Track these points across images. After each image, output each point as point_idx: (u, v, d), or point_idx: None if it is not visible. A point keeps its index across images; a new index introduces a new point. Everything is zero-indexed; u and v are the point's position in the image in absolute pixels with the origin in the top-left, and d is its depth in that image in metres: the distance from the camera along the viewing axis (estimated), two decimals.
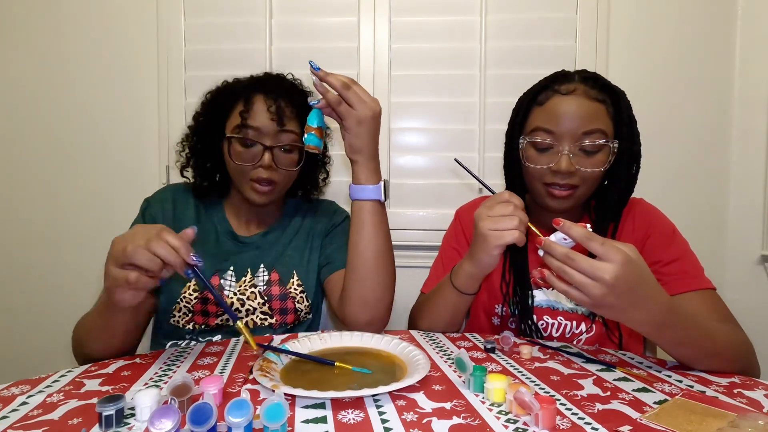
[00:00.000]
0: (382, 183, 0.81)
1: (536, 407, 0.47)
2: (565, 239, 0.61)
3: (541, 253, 0.62)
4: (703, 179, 1.34)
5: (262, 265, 0.93)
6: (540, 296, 0.87)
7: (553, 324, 0.86)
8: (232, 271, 0.92)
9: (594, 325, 0.85)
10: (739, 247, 1.33)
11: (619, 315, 0.60)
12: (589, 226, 0.61)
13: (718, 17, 1.31)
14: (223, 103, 0.91)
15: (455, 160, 0.81)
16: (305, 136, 0.77)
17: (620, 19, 1.32)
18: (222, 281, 0.90)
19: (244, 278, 0.91)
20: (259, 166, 0.87)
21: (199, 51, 1.39)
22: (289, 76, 0.97)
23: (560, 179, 0.79)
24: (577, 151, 0.78)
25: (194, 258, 0.62)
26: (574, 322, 0.85)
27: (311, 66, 0.74)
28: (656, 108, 1.32)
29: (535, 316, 0.86)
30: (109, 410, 0.46)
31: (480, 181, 0.78)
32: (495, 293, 0.90)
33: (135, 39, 1.40)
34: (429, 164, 1.38)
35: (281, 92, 0.89)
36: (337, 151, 1.18)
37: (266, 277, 0.92)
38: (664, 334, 0.62)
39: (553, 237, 0.62)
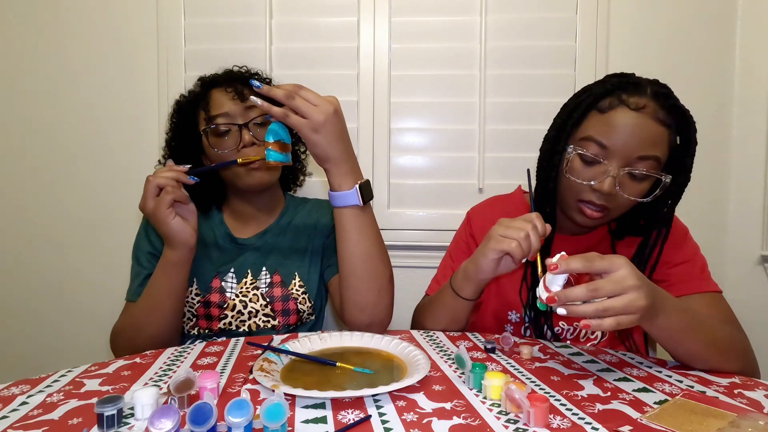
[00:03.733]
0: (357, 187, 0.76)
1: (526, 405, 0.47)
2: (564, 279, 0.58)
3: (563, 312, 0.56)
4: (703, 179, 1.34)
5: (264, 268, 0.93)
6: None
7: (568, 329, 0.85)
8: (233, 273, 0.92)
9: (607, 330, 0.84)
10: (739, 247, 1.33)
11: (657, 311, 0.58)
12: (564, 253, 0.59)
13: (718, 17, 1.31)
14: (186, 115, 0.94)
15: (528, 171, 0.79)
16: (265, 152, 0.75)
17: (620, 19, 1.32)
18: (223, 283, 0.90)
19: (244, 280, 0.91)
20: (243, 147, 0.88)
21: (199, 51, 1.39)
22: (243, 69, 1.00)
23: (597, 199, 0.73)
24: (623, 175, 0.72)
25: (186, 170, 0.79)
26: None
27: (253, 85, 0.71)
28: None
29: (551, 323, 0.84)
30: (110, 410, 0.46)
31: (532, 200, 0.78)
32: (507, 300, 0.89)
33: (135, 39, 1.40)
34: (429, 164, 1.38)
35: (234, 78, 0.93)
36: None
37: (268, 279, 0.92)
38: (665, 323, 0.60)
39: (552, 286, 0.58)
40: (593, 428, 0.47)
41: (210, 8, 1.39)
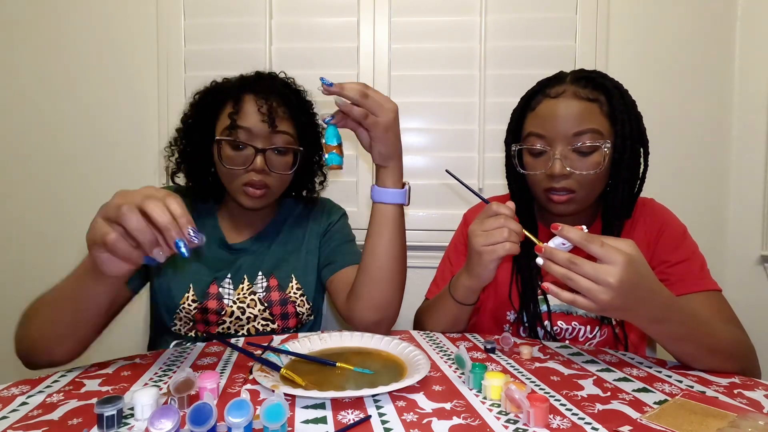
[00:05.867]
0: (408, 187, 0.79)
1: (526, 405, 0.47)
2: (564, 244, 0.60)
3: (540, 261, 0.61)
4: (703, 179, 1.34)
5: (260, 273, 0.92)
6: (554, 301, 0.86)
7: (567, 329, 0.85)
8: (230, 278, 0.90)
9: (606, 330, 0.84)
10: (739, 247, 1.33)
11: (623, 314, 0.60)
12: (585, 228, 0.61)
13: (718, 17, 1.31)
14: (212, 103, 0.88)
15: (447, 171, 0.79)
16: (325, 156, 0.73)
17: (620, 19, 1.32)
18: (220, 290, 0.89)
19: (241, 285, 0.90)
20: (252, 170, 0.83)
21: (199, 51, 1.39)
22: (282, 74, 0.93)
23: (556, 183, 0.78)
24: (570, 154, 0.77)
25: (192, 233, 0.52)
26: (588, 327, 0.85)
27: (323, 82, 0.68)
28: (656, 108, 1.32)
29: (549, 323, 0.85)
30: (110, 411, 0.46)
31: (472, 191, 0.77)
32: (504, 301, 0.89)
33: (135, 39, 1.40)
34: (429, 164, 1.38)
35: (273, 91, 0.85)
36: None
37: (265, 284, 0.91)
38: (663, 329, 0.62)
39: (551, 243, 0.61)
40: (593, 428, 0.47)
41: (210, 8, 1.39)
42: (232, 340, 0.76)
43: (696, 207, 1.33)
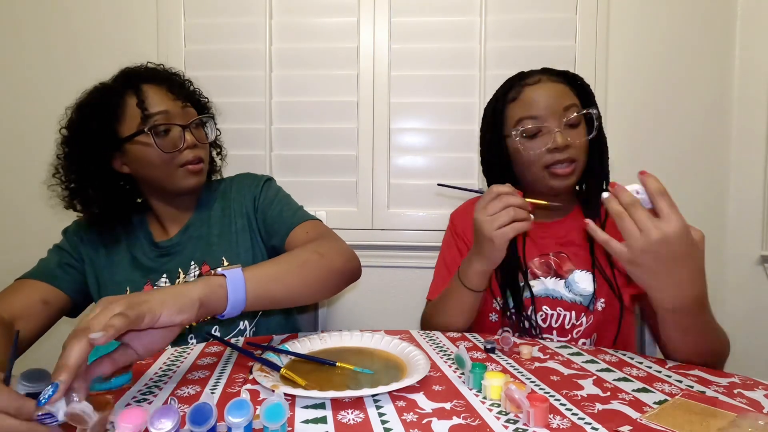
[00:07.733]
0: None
1: (526, 405, 0.47)
2: (637, 193, 0.60)
3: (605, 195, 0.61)
4: (703, 179, 1.34)
5: (192, 262, 0.91)
6: (538, 286, 0.87)
7: (552, 315, 0.86)
8: (165, 278, 0.90)
9: (593, 316, 0.85)
10: (738, 247, 1.33)
11: (647, 277, 0.61)
12: (591, 222, 0.62)
13: (718, 17, 1.31)
14: (105, 108, 0.85)
15: (439, 184, 0.86)
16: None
17: (620, 19, 1.32)
18: (155, 288, 0.89)
19: (178, 280, 0.90)
20: (186, 148, 0.86)
21: (199, 51, 1.39)
22: (150, 64, 0.94)
23: (560, 155, 0.82)
24: (564, 128, 0.83)
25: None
26: (573, 313, 0.85)
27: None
28: (656, 108, 1.32)
29: (533, 308, 0.86)
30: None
31: (471, 190, 0.83)
32: (492, 287, 0.89)
33: (135, 39, 1.40)
34: (429, 164, 1.38)
35: (164, 75, 0.90)
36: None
37: (197, 271, 0.90)
38: (678, 317, 0.63)
39: (628, 186, 0.61)
40: (593, 428, 0.47)
41: (210, 8, 1.39)
42: (232, 340, 0.76)
43: (696, 207, 1.33)
